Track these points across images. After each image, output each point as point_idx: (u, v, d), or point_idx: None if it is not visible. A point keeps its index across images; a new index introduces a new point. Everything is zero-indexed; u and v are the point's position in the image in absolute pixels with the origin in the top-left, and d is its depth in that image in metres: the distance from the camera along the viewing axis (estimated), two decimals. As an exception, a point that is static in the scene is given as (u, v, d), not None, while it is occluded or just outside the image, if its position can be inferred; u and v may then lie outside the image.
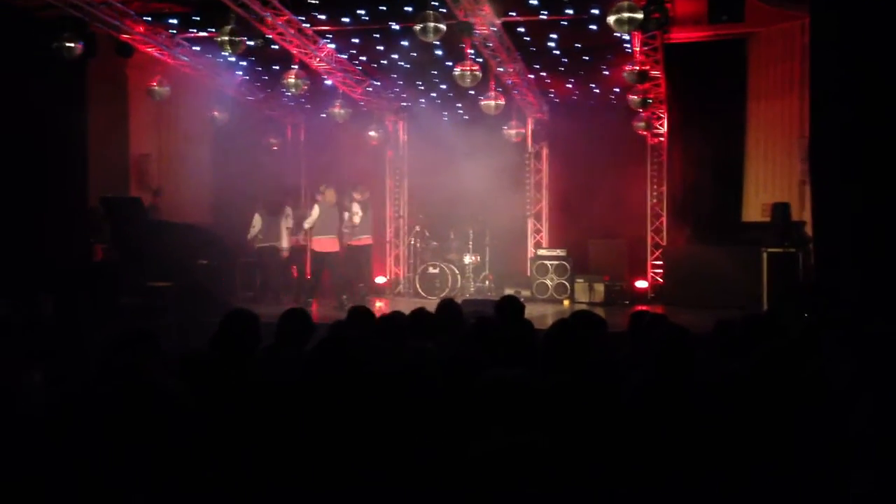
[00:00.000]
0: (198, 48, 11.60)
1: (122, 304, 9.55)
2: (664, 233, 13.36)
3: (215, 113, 12.78)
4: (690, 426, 2.61)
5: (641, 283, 13.06)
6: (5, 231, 10.35)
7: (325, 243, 11.40)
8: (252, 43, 9.90)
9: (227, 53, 9.80)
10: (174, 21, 10.84)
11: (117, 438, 2.00)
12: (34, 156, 10.65)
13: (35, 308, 8.97)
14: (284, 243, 12.30)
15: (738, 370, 2.77)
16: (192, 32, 11.09)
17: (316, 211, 11.43)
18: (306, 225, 11.74)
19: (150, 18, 10.63)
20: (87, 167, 11.20)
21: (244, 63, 12.20)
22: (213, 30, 10.19)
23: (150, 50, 11.07)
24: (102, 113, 11.63)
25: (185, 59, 11.55)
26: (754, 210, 12.13)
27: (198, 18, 10.73)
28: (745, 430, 2.63)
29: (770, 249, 9.69)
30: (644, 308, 11.04)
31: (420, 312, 5.13)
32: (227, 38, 9.47)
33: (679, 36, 11.28)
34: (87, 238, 11.26)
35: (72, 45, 9.73)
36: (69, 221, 10.86)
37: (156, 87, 11.36)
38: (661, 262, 13.01)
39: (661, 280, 12.92)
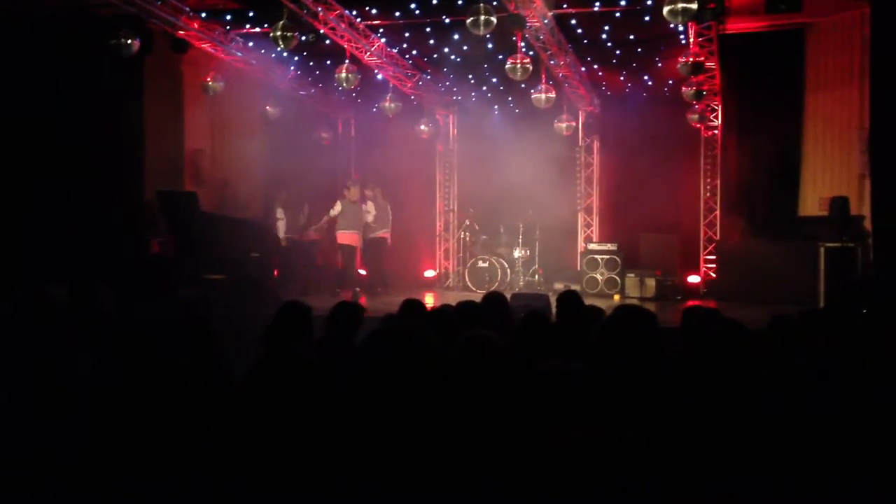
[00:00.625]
0: (251, 44, 11.74)
1: (179, 296, 9.75)
2: (717, 227, 13.15)
3: (268, 108, 12.95)
4: (749, 422, 2.57)
5: (694, 279, 12.87)
6: (67, 223, 10.65)
7: (347, 237, 12.08)
8: (304, 38, 9.99)
9: (280, 49, 9.91)
10: (228, 17, 11.01)
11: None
12: (93, 151, 10.92)
13: (94, 298, 9.17)
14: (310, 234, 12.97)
15: (796, 364, 2.72)
16: (246, 28, 11.25)
17: (337, 207, 12.05)
18: (326, 218, 12.34)
19: (204, 15, 10.80)
20: (143, 162, 11.46)
21: (296, 58, 12.33)
22: (267, 25, 10.31)
23: (204, 46, 11.25)
24: (158, 108, 11.87)
25: (239, 54, 11.71)
26: (811, 204, 11.86)
27: (251, 14, 10.88)
28: (804, 426, 2.57)
29: (827, 244, 9.46)
30: (697, 303, 10.92)
31: (467, 305, 5.12)
32: (280, 33, 9.56)
33: (735, 26, 11.06)
34: (143, 231, 11.51)
35: (129, 41, 9.92)
36: (127, 215, 11.12)
37: (210, 83, 11.55)
38: (714, 257, 12.80)
39: (714, 275, 12.71)
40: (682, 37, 10.50)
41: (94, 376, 2.15)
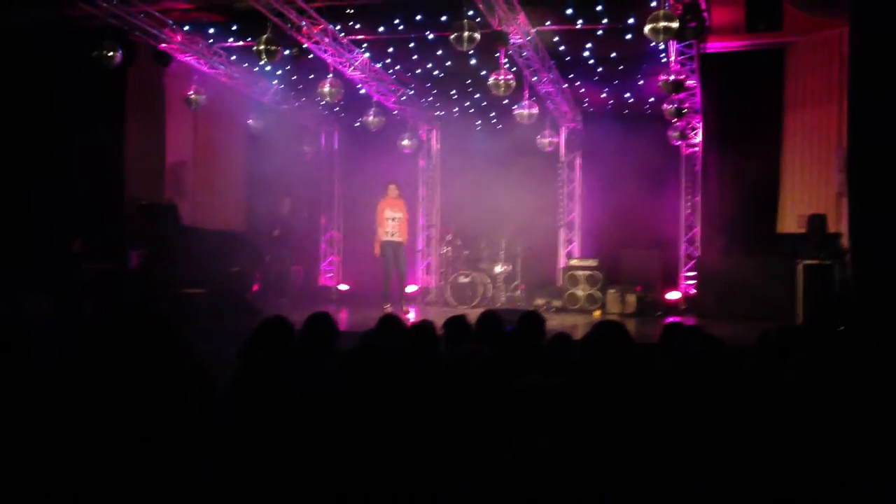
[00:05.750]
0: (234, 57, 11.74)
1: (156, 310, 9.65)
2: (698, 243, 13.24)
3: (250, 121, 12.93)
4: (727, 437, 2.57)
5: (674, 295, 12.93)
6: (45, 235, 10.55)
7: None
8: (288, 52, 9.99)
9: (263, 62, 9.91)
10: (212, 30, 11.00)
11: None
12: (73, 162, 10.85)
13: (73, 311, 9.11)
14: None
15: (774, 381, 2.73)
16: (230, 42, 11.24)
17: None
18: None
19: (187, 28, 10.79)
20: (123, 174, 11.38)
21: (280, 72, 12.33)
22: (250, 39, 10.31)
23: (187, 59, 11.23)
24: (140, 120, 11.81)
25: (222, 67, 11.70)
26: (790, 221, 11.96)
27: (235, 28, 10.87)
28: (782, 441, 2.58)
29: (805, 261, 9.54)
30: (677, 319, 10.97)
31: (457, 320, 5.07)
32: (263, 47, 9.56)
33: (715, 45, 11.18)
34: (123, 244, 11.42)
35: (111, 53, 9.89)
36: (106, 227, 11.03)
37: (192, 96, 11.52)
38: (694, 274, 12.88)
39: (694, 291, 12.78)
40: (663, 55, 10.60)
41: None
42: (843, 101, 10.31)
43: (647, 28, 8.03)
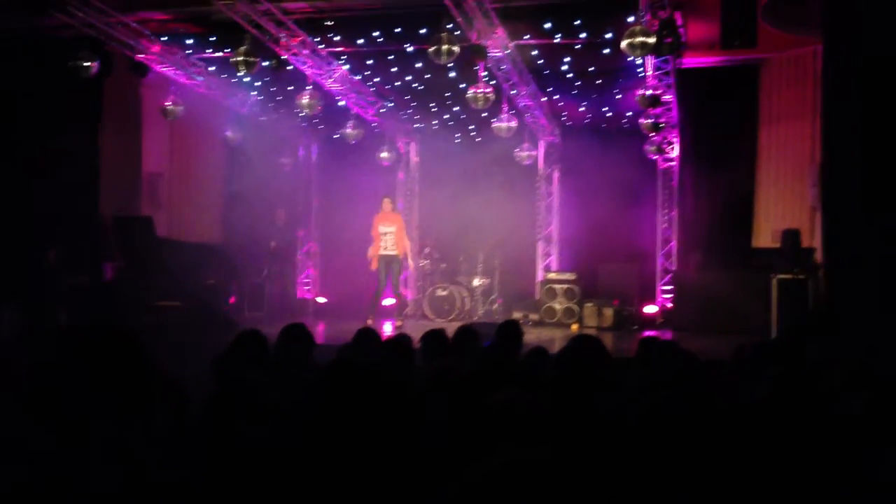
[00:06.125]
0: (213, 68, 11.69)
1: (130, 323, 9.56)
2: (674, 258, 13.32)
3: (228, 133, 12.86)
4: (701, 451, 2.58)
5: (651, 308, 12.99)
6: (20, 246, 10.42)
7: None
8: (266, 63, 9.96)
9: (241, 74, 9.87)
10: (189, 41, 10.94)
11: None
12: (48, 172, 10.74)
13: (49, 322, 9.02)
14: None
15: (749, 396, 2.75)
16: (208, 53, 11.19)
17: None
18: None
19: (165, 38, 10.73)
20: (98, 185, 11.28)
21: (258, 83, 12.29)
22: (228, 50, 10.26)
23: (164, 69, 11.17)
24: (116, 131, 11.73)
25: (200, 78, 11.64)
26: (765, 236, 12.06)
27: (213, 39, 10.82)
28: (757, 456, 2.59)
29: (780, 276, 9.62)
30: (653, 333, 11.02)
31: (435, 334, 5.07)
32: (241, 58, 9.53)
33: (691, 61, 11.30)
34: (97, 256, 11.31)
35: (88, 64, 9.83)
36: (81, 239, 10.92)
37: (169, 107, 11.44)
38: (670, 287, 12.95)
39: (670, 305, 12.85)
40: (640, 70, 10.68)
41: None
42: (816, 117, 10.43)
43: (624, 43, 8.10)
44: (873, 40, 8.01)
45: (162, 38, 10.69)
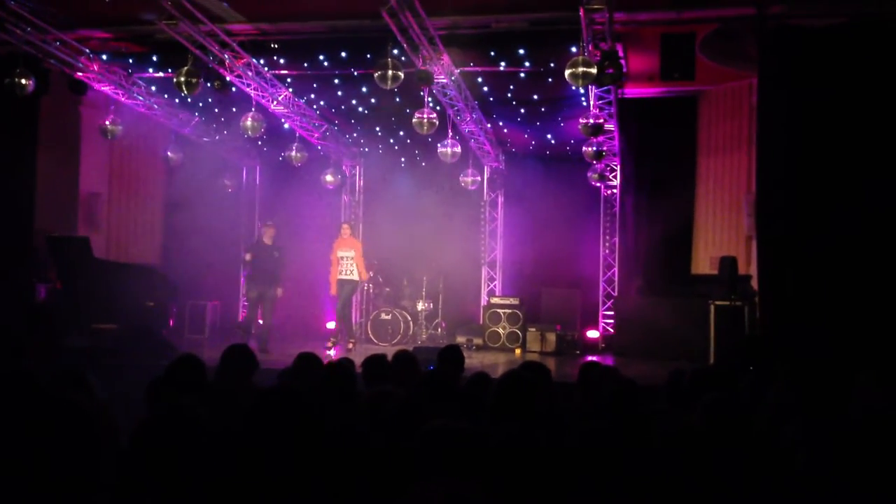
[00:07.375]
0: (154, 88, 11.54)
1: (65, 346, 9.31)
2: (616, 283, 13.50)
3: (169, 153, 12.66)
4: (637, 476, 2.60)
5: (593, 333, 13.13)
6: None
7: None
8: (210, 84, 9.86)
9: (184, 94, 9.75)
10: (131, 60, 10.78)
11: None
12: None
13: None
14: None
15: (680, 422, 2.79)
16: (149, 72, 11.03)
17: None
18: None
19: (105, 56, 10.56)
20: (33, 205, 10.98)
21: (201, 104, 12.15)
22: (171, 70, 10.13)
23: (104, 88, 10.98)
24: (52, 150, 11.46)
25: (141, 98, 11.47)
26: (703, 263, 12.33)
27: (155, 58, 10.68)
28: (691, 480, 2.63)
29: (717, 302, 9.82)
30: (594, 358, 11.13)
31: (376, 359, 5.06)
32: (184, 79, 9.42)
33: (633, 91, 11.55)
34: (30, 277, 11.00)
35: (23, 81, 9.62)
36: (12, 259, 10.61)
37: (109, 126, 11.23)
38: (612, 313, 13.11)
39: (612, 330, 13.00)
40: (583, 98, 10.86)
41: None
42: (751, 149, 10.75)
43: (567, 73, 8.24)
44: (806, 74, 8.31)
45: (102, 56, 10.51)
